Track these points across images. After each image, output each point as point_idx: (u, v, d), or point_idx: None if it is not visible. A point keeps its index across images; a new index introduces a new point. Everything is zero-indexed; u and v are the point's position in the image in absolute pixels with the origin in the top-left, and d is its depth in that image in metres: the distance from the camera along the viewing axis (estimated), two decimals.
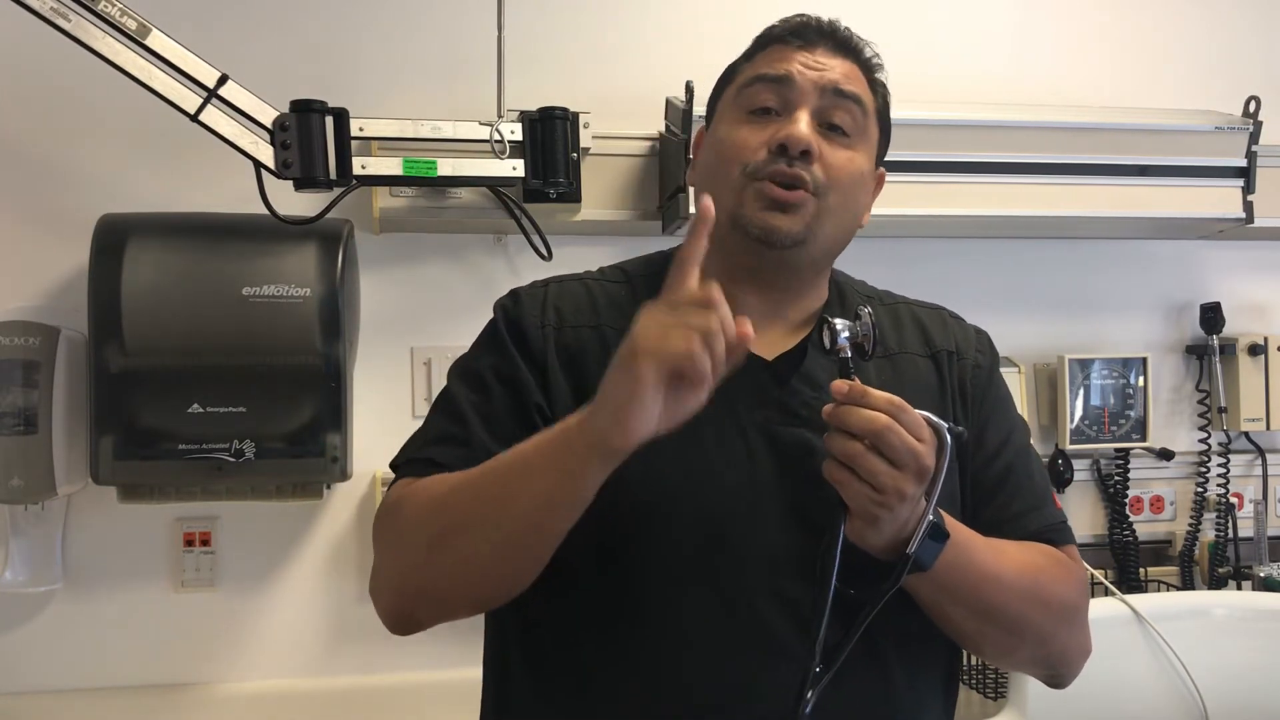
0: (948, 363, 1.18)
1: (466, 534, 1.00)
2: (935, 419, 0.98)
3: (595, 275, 1.21)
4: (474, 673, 1.21)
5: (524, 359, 1.11)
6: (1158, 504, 2.33)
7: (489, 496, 0.99)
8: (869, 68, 1.18)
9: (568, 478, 0.95)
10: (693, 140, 1.25)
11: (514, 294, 1.18)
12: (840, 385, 0.96)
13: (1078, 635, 1.15)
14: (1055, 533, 1.16)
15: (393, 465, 1.13)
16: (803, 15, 1.17)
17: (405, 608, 1.07)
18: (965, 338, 1.22)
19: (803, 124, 1.10)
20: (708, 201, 0.95)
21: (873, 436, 0.94)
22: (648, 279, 1.18)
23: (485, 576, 1.03)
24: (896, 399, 0.95)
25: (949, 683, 1.18)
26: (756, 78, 1.14)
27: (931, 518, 0.99)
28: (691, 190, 1.22)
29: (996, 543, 1.10)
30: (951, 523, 1.03)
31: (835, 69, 1.13)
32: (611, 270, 1.22)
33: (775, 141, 1.09)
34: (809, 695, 0.98)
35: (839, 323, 1.00)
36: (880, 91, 1.19)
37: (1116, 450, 2.28)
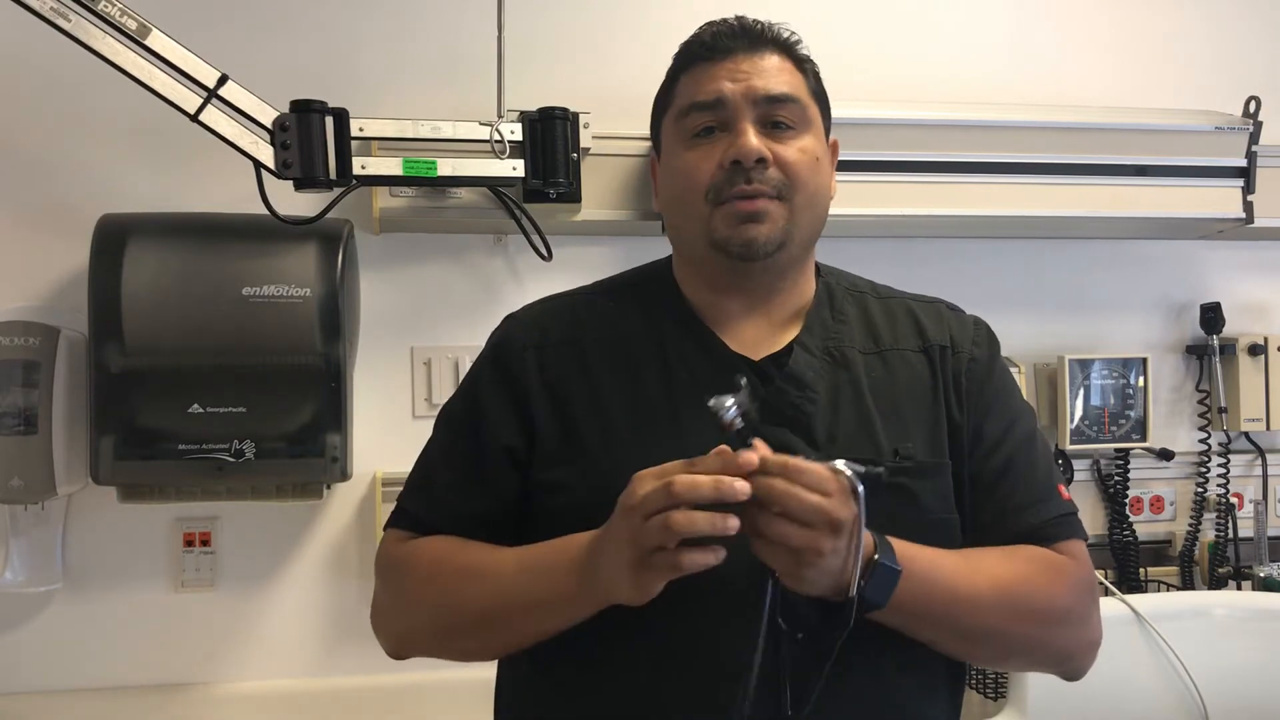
0: (941, 357, 1.18)
1: (482, 632, 1.11)
2: (843, 466, 0.96)
3: (588, 289, 1.25)
4: (474, 672, 1.22)
5: (501, 386, 1.16)
6: (1158, 504, 2.33)
7: (500, 614, 1.08)
8: (790, 50, 1.18)
9: (577, 615, 1.04)
10: (649, 169, 1.27)
11: (504, 320, 1.24)
12: (731, 460, 0.94)
13: (1078, 633, 1.14)
14: (1057, 526, 1.14)
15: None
16: (712, 24, 1.18)
17: (406, 654, 1.19)
18: (962, 330, 1.21)
19: (749, 135, 1.11)
20: (734, 522, 0.92)
21: (772, 501, 0.93)
22: (634, 289, 1.22)
23: (498, 654, 1.16)
24: (791, 461, 0.93)
25: (953, 682, 1.17)
26: (691, 106, 1.15)
27: (877, 556, 0.98)
28: (664, 219, 1.23)
29: (974, 559, 1.08)
30: (913, 551, 1.01)
31: (763, 71, 1.14)
32: (604, 283, 1.26)
33: (728, 159, 1.11)
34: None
35: (726, 400, 0.95)
36: (809, 69, 1.19)
37: (1116, 450, 2.28)
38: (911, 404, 1.15)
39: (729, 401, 0.95)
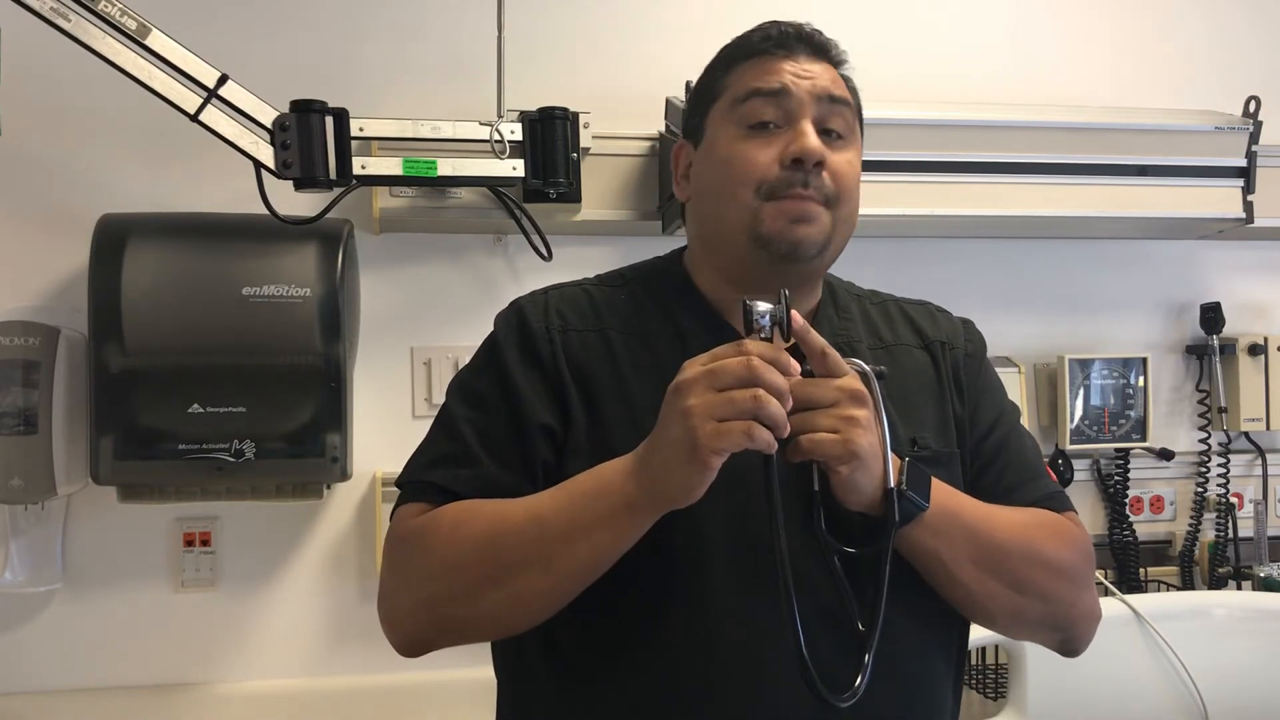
0: (941, 352, 1.21)
1: (520, 577, 1.02)
2: (853, 359, 1.04)
3: (593, 281, 1.22)
4: (474, 672, 1.22)
5: (532, 370, 1.12)
6: (1158, 504, 2.33)
7: (543, 545, 1.01)
8: (840, 67, 1.18)
9: (630, 531, 1.00)
10: (673, 155, 1.24)
11: (514, 305, 1.19)
12: None
13: (1083, 596, 1.16)
14: (1052, 501, 1.18)
15: (397, 483, 1.15)
16: (775, 23, 1.18)
17: (428, 637, 1.09)
18: (954, 328, 1.25)
19: (812, 135, 1.11)
20: (789, 403, 0.95)
21: (799, 399, 0.97)
22: (645, 283, 1.20)
23: (529, 612, 1.05)
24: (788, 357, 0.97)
25: (958, 664, 1.19)
26: (751, 92, 1.13)
27: (905, 457, 1.03)
28: (687, 205, 1.22)
29: (988, 504, 1.12)
30: (934, 480, 1.06)
31: (822, 75, 1.14)
32: (609, 276, 1.23)
33: (789, 155, 1.10)
34: (866, 663, 1.00)
35: (760, 305, 0.98)
36: (854, 89, 1.19)
37: (1116, 450, 2.28)
38: (921, 396, 1.17)
39: (762, 307, 0.98)
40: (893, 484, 1.01)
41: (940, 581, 1.08)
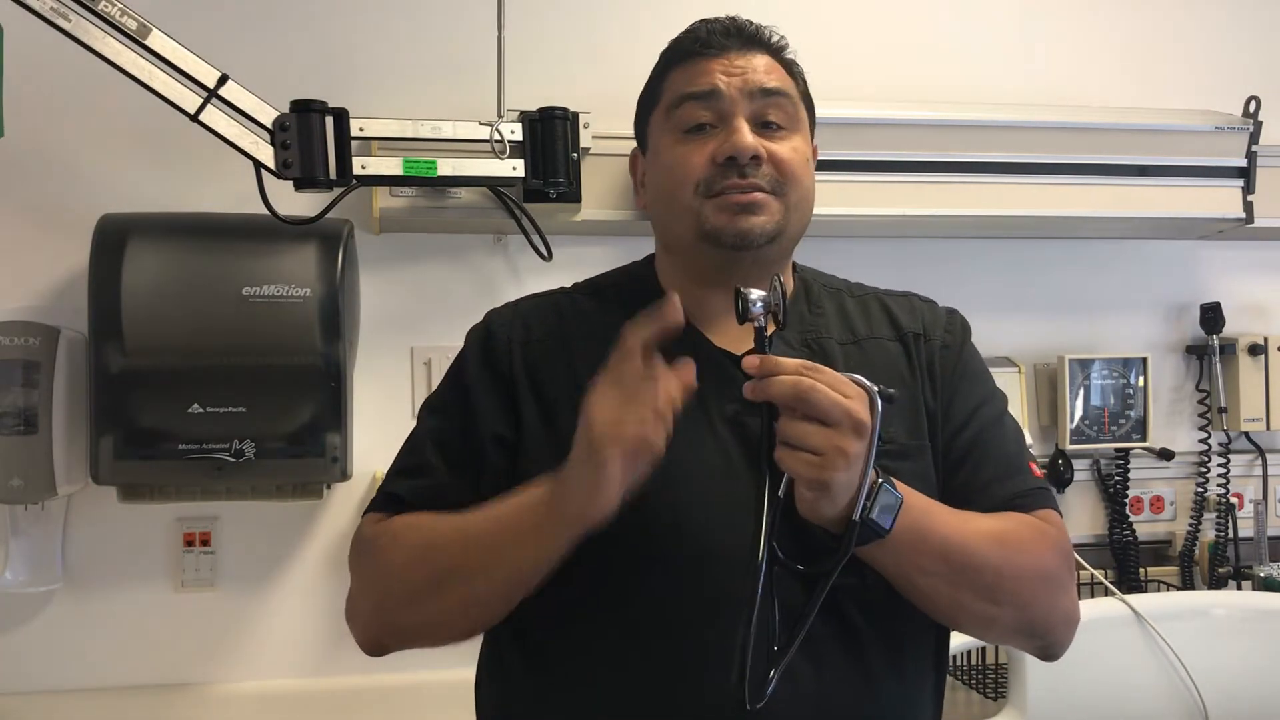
0: (915, 344, 1.19)
1: (455, 586, 1.06)
2: (863, 379, 0.98)
3: (567, 289, 1.25)
4: (473, 673, 1.22)
5: (492, 380, 1.16)
6: (1158, 504, 2.33)
7: (475, 556, 1.05)
8: (779, 53, 1.18)
9: (548, 545, 1.01)
10: (629, 165, 1.27)
11: (485, 317, 1.23)
12: (751, 360, 0.98)
13: (1060, 600, 1.14)
14: (1027, 498, 1.15)
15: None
16: (704, 21, 1.19)
17: (382, 639, 1.14)
18: (933, 319, 1.23)
19: (744, 132, 1.12)
20: (675, 302, 0.99)
21: (796, 400, 0.95)
22: (617, 288, 1.23)
23: (470, 619, 1.10)
24: (808, 362, 0.97)
25: (937, 677, 1.17)
26: (683, 97, 1.15)
27: (881, 481, 0.98)
28: (650, 215, 1.23)
29: (963, 513, 1.09)
30: (908, 489, 1.03)
31: (755, 68, 1.15)
32: (584, 283, 1.26)
33: (722, 154, 1.11)
34: (771, 677, 0.97)
35: (754, 293, 0.99)
36: (798, 73, 1.20)
37: (1116, 450, 2.28)
38: (889, 386, 1.15)
39: (755, 294, 0.98)
40: (857, 515, 0.97)
41: (910, 595, 1.07)
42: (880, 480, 0.99)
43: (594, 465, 0.95)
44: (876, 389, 0.98)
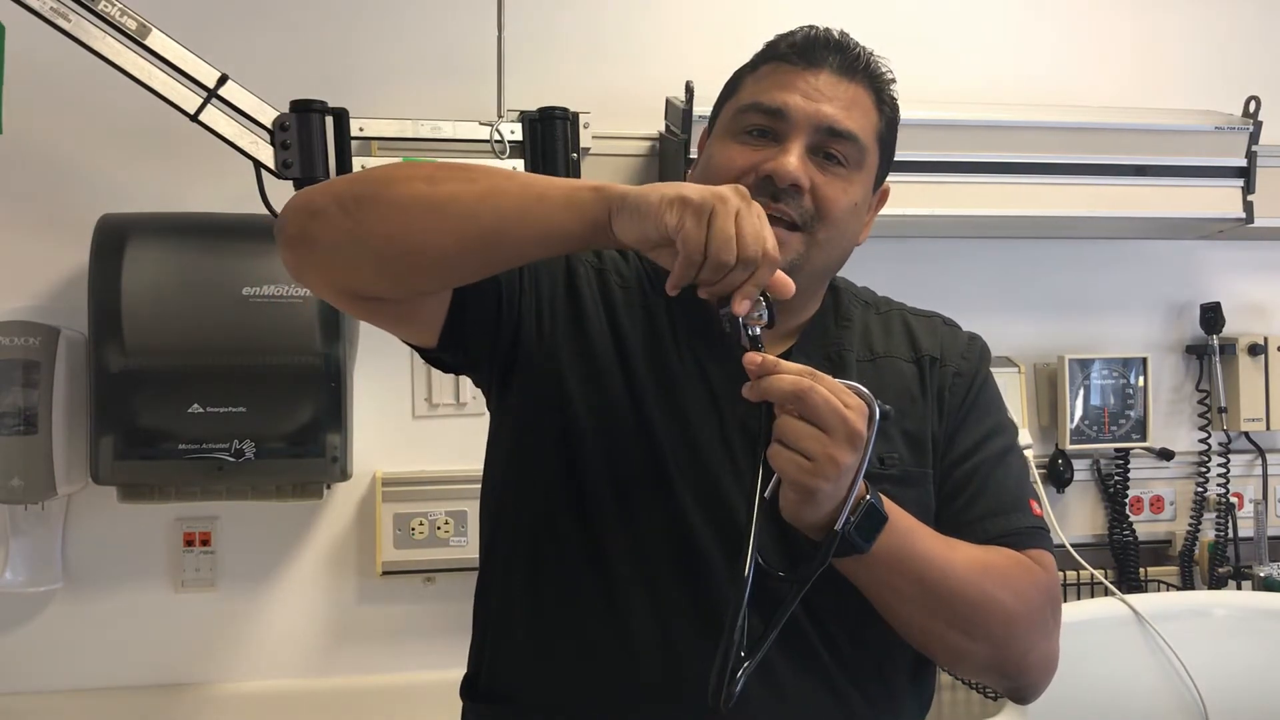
0: (930, 368, 1.17)
1: (447, 185, 0.99)
2: (863, 389, 0.96)
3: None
4: None
5: (563, 276, 1.14)
6: (1158, 504, 2.33)
7: (483, 183, 0.99)
8: (878, 87, 1.14)
9: (560, 216, 0.96)
10: (695, 142, 1.24)
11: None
12: (753, 358, 0.95)
13: (1040, 643, 1.10)
14: (1020, 536, 1.12)
15: None
16: (813, 28, 1.13)
17: (319, 205, 1.07)
18: (952, 344, 1.20)
19: (793, 157, 1.07)
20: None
21: (793, 400, 0.93)
22: (656, 271, 1.19)
23: (426, 233, 0.99)
24: (810, 368, 0.95)
25: (915, 687, 1.15)
26: (752, 106, 1.11)
27: (868, 498, 0.97)
28: None
29: (950, 540, 1.07)
30: (896, 509, 1.01)
31: (838, 98, 1.09)
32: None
33: (762, 171, 1.07)
34: (739, 678, 0.92)
35: (725, 310, 0.97)
36: (887, 111, 1.15)
37: (1116, 450, 2.28)
38: (899, 413, 1.12)
39: (724, 311, 0.96)
40: (838, 527, 0.95)
41: (884, 615, 1.06)
42: (868, 496, 0.97)
43: (663, 194, 0.92)
44: (877, 404, 0.96)
